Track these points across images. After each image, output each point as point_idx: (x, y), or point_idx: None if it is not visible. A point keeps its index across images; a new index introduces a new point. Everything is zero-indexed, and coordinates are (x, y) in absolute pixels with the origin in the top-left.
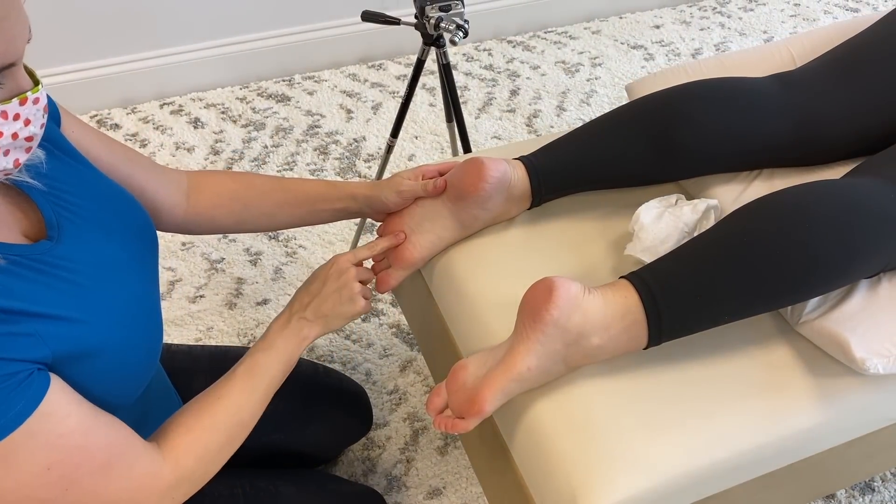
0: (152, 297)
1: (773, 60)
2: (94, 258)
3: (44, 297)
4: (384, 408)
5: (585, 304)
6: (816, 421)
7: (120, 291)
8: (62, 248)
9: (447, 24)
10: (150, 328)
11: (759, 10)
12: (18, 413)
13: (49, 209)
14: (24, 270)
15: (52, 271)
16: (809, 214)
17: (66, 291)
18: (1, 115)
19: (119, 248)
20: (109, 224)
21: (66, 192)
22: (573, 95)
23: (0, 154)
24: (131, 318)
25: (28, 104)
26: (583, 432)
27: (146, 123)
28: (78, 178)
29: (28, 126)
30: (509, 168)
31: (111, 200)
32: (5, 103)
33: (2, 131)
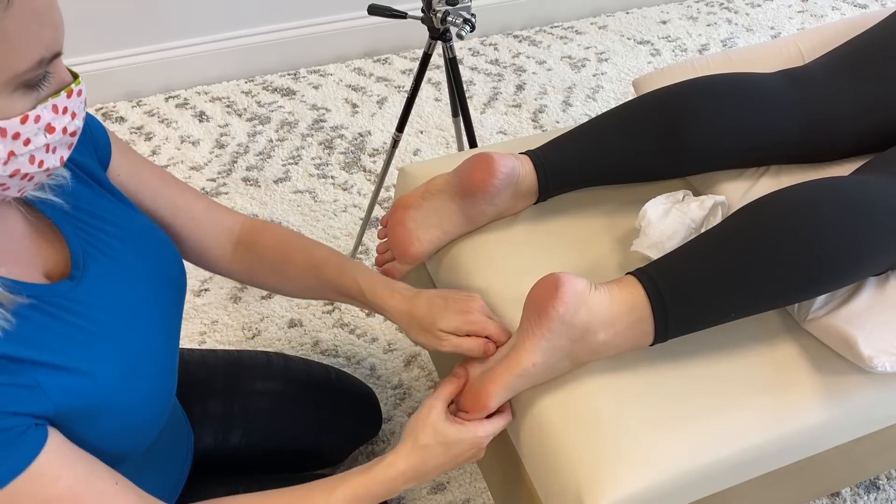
0: (170, 346)
1: (781, 56)
2: (114, 304)
3: (52, 345)
4: (388, 402)
5: (591, 301)
6: (823, 418)
7: (135, 342)
8: (82, 289)
9: (454, 17)
10: (164, 381)
11: (766, 5)
12: (5, 473)
13: (77, 245)
14: (37, 314)
15: (66, 316)
16: (817, 211)
17: (77, 340)
18: (52, 109)
19: (141, 294)
20: (137, 266)
21: (98, 227)
22: (579, 90)
23: (50, 152)
24: (143, 372)
25: (73, 97)
26: (588, 428)
27: (151, 116)
28: (112, 212)
29: (74, 119)
30: (517, 164)
31: (144, 240)
32: (55, 97)
33: (54, 126)
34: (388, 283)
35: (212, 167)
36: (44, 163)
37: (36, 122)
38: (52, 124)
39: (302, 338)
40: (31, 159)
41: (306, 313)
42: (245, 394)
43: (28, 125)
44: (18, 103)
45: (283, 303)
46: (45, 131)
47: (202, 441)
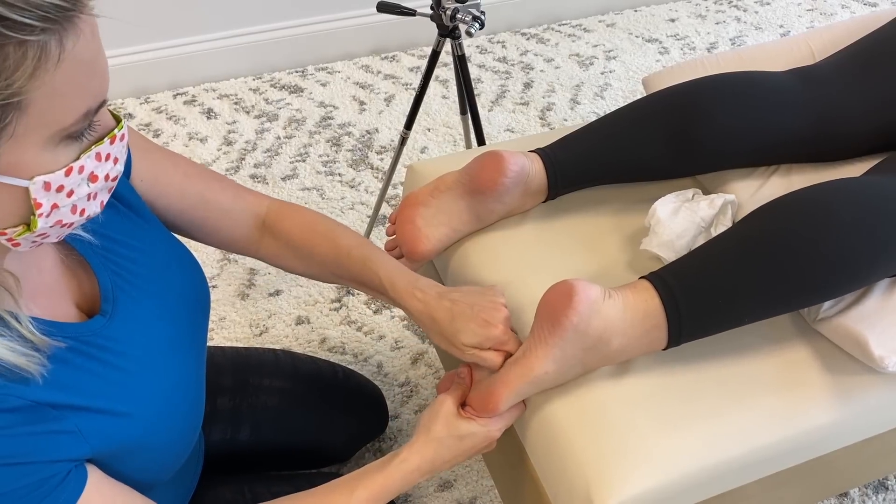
0: (198, 373)
1: (791, 55)
2: (146, 337)
3: (89, 387)
4: (395, 400)
5: (605, 309)
6: (833, 419)
7: (169, 375)
8: (115, 325)
9: (463, 14)
10: (194, 411)
11: (775, 4)
12: None
13: (106, 277)
14: (74, 356)
15: (102, 355)
16: (832, 214)
17: (113, 380)
18: (96, 158)
19: (171, 323)
20: (165, 293)
21: (125, 256)
22: (587, 88)
23: (92, 200)
24: (177, 404)
25: (116, 142)
26: (597, 427)
27: (159, 113)
28: (139, 237)
29: (116, 165)
30: (527, 162)
31: (170, 263)
32: (98, 144)
33: (97, 175)
34: (410, 281)
35: (219, 164)
36: (85, 211)
37: (80, 172)
38: (94, 172)
39: (309, 335)
40: (73, 209)
41: (314, 310)
42: (253, 391)
43: (72, 177)
44: (62, 155)
45: (290, 300)
46: (89, 181)
47: (210, 438)
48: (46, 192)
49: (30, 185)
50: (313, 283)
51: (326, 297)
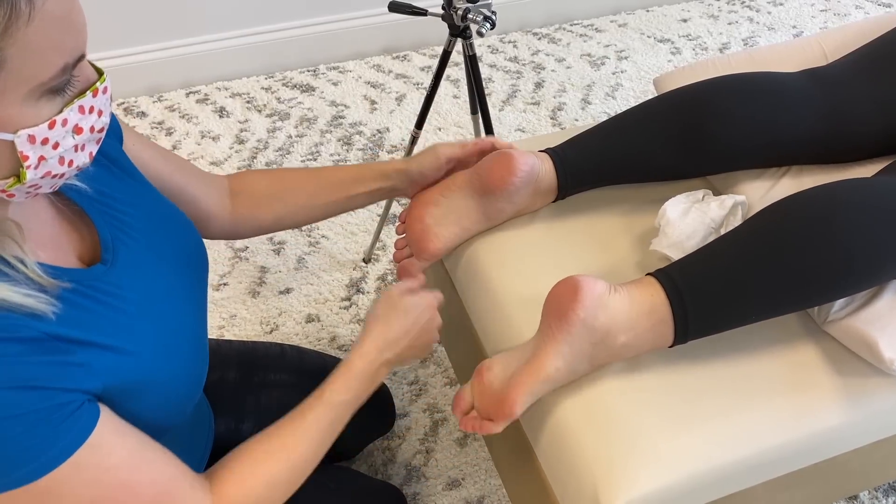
0: (199, 325)
1: (803, 55)
2: (145, 285)
3: (96, 325)
4: (404, 398)
5: (611, 303)
6: (842, 421)
7: (168, 321)
8: (115, 272)
9: (475, 14)
10: (196, 358)
11: (788, 4)
12: (67, 445)
13: (106, 230)
14: (78, 297)
15: (105, 299)
16: (843, 213)
17: (117, 322)
18: (79, 111)
19: (170, 274)
20: (162, 248)
21: (123, 211)
22: (598, 89)
23: (79, 151)
24: (178, 348)
25: (99, 95)
26: (605, 427)
27: (172, 112)
28: (135, 196)
29: (101, 117)
30: (538, 162)
31: (165, 222)
32: (80, 98)
33: (82, 127)
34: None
35: (231, 162)
36: (73, 162)
37: (63, 125)
38: (79, 125)
39: (319, 333)
40: (61, 160)
41: (324, 309)
42: (258, 384)
43: (56, 129)
44: (45, 109)
45: (300, 298)
46: (73, 133)
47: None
48: (32, 144)
49: (14, 139)
50: (324, 281)
51: (336, 296)
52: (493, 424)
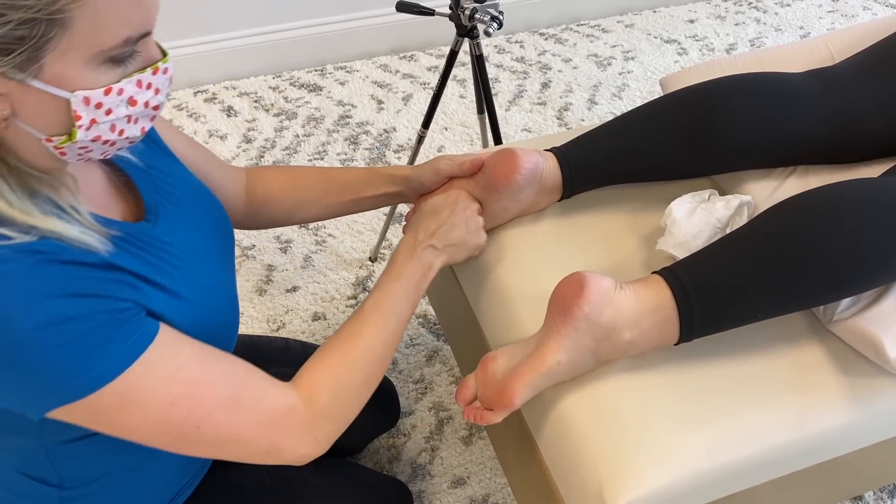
0: (233, 287)
1: (810, 56)
2: (185, 244)
3: (147, 267)
4: (410, 397)
5: (617, 300)
6: (846, 421)
7: (207, 277)
8: (158, 230)
9: (482, 14)
10: (232, 315)
11: (795, 5)
12: (134, 345)
13: (149, 193)
14: (126, 245)
15: (150, 249)
16: (848, 213)
17: (164, 267)
18: (136, 84)
19: (204, 238)
20: (197, 214)
21: (163, 180)
22: (605, 89)
23: (132, 122)
24: (217, 304)
25: (159, 74)
26: (610, 425)
27: (180, 111)
28: (172, 170)
29: (158, 95)
30: (541, 159)
31: (198, 194)
32: (141, 72)
33: (136, 100)
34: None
35: (239, 161)
36: (124, 132)
37: (119, 94)
38: (134, 97)
39: (325, 331)
40: (112, 128)
41: (330, 307)
42: None
43: (111, 97)
44: (104, 76)
45: (307, 296)
46: (128, 103)
47: None
48: (86, 106)
49: (71, 98)
50: (330, 280)
51: (343, 294)
52: (493, 414)
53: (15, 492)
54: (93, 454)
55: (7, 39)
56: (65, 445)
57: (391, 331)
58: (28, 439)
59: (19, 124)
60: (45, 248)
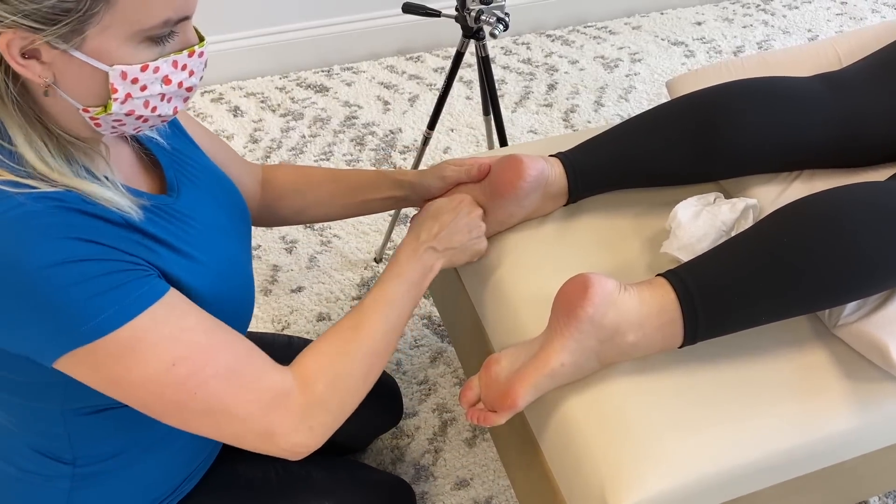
0: (249, 266)
1: (818, 59)
2: (206, 219)
3: (170, 232)
4: (413, 398)
5: (621, 301)
6: (851, 426)
7: (225, 251)
8: (180, 204)
9: (488, 16)
10: (246, 293)
11: (804, 7)
12: (142, 296)
13: (171, 172)
14: (148, 212)
15: (172, 220)
16: (852, 216)
17: (184, 237)
18: (172, 64)
19: (225, 217)
20: (218, 196)
21: (185, 161)
22: (611, 91)
23: (165, 101)
24: (234, 277)
25: (195, 57)
26: (613, 428)
27: (187, 111)
28: (193, 154)
29: (192, 77)
30: (547, 166)
31: (218, 178)
32: (177, 54)
33: (171, 79)
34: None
35: None
36: (157, 109)
37: (155, 72)
38: (169, 76)
39: None
40: (146, 104)
41: (335, 307)
42: None
43: (147, 73)
44: (142, 54)
45: (312, 297)
46: (162, 81)
47: None
48: (123, 80)
49: (109, 71)
50: (335, 280)
51: (348, 295)
52: (496, 416)
53: (27, 470)
54: (110, 429)
55: (55, 10)
56: (84, 417)
57: (391, 325)
58: (51, 404)
59: (60, 93)
60: (67, 198)
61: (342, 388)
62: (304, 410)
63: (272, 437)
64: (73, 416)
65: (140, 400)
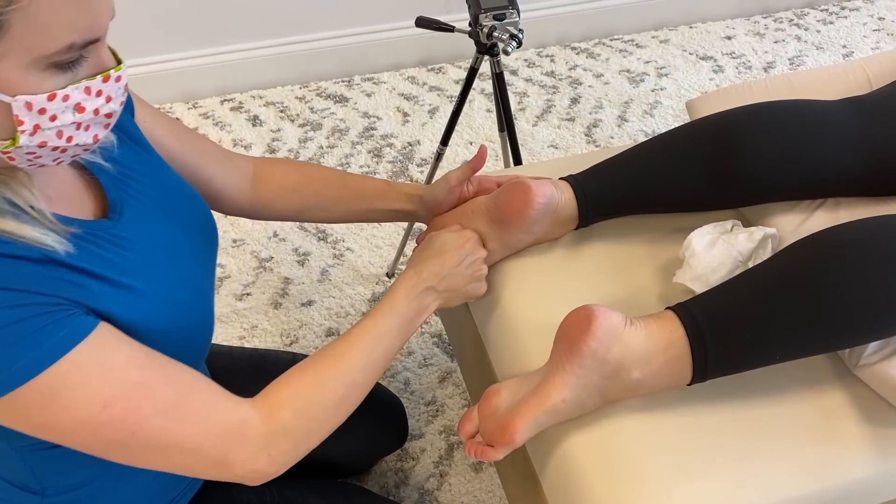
0: (205, 287)
1: (846, 81)
2: (150, 238)
3: (99, 261)
4: (420, 419)
5: (626, 336)
6: (870, 473)
7: (172, 272)
8: (120, 227)
9: (500, 32)
10: (201, 315)
11: (839, 23)
12: (62, 341)
13: (114, 191)
14: (84, 243)
15: (107, 246)
16: (877, 251)
17: (119, 262)
18: (84, 91)
19: (176, 234)
20: (169, 211)
21: (134, 178)
22: (636, 106)
23: (81, 130)
24: (181, 300)
25: (111, 81)
26: (615, 468)
27: (206, 119)
28: (146, 167)
29: (109, 103)
30: (556, 191)
31: (174, 190)
32: (90, 79)
33: (84, 107)
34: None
35: None
36: (73, 139)
37: (65, 100)
38: (82, 104)
39: None
40: (59, 134)
41: (344, 322)
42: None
43: (55, 103)
44: (48, 82)
45: (322, 311)
46: (75, 110)
47: None
48: (28, 111)
49: (12, 102)
50: (346, 295)
51: (357, 310)
52: (493, 451)
53: None
54: (72, 461)
55: None
56: (40, 452)
57: (375, 358)
58: (1, 443)
59: None
60: None
61: (311, 416)
62: (265, 438)
63: (226, 465)
64: (28, 452)
65: (77, 443)
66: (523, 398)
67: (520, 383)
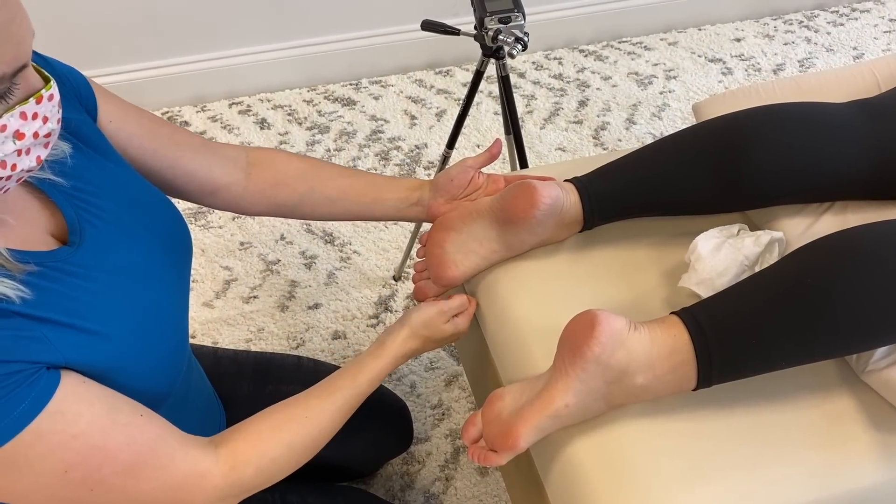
0: (175, 306)
1: (854, 84)
2: (114, 265)
3: (58, 305)
4: (426, 422)
5: (630, 341)
6: (877, 480)
7: (138, 300)
8: (82, 253)
9: (506, 36)
10: (171, 338)
11: (849, 24)
12: (23, 413)
13: (71, 212)
14: (43, 280)
15: (69, 279)
16: (882, 257)
17: (82, 301)
18: (20, 117)
19: (142, 255)
20: (134, 229)
21: (92, 193)
22: (644, 108)
23: (23, 155)
24: (150, 329)
25: (44, 102)
26: (619, 474)
27: (214, 122)
28: (107, 178)
29: (46, 123)
30: (562, 193)
31: (139, 203)
32: (23, 104)
33: (23, 132)
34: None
35: None
36: (17, 166)
37: (2, 130)
38: (20, 130)
39: (345, 350)
40: (2, 164)
41: (351, 326)
42: (270, 395)
43: None
44: None
45: (328, 314)
46: (14, 138)
47: None
48: None
49: None
50: (353, 298)
51: (364, 314)
52: (496, 456)
53: None
54: None
55: None
56: None
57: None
58: None
59: None
60: None
61: (273, 474)
62: (223, 490)
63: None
64: None
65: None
66: (527, 403)
67: (523, 388)
